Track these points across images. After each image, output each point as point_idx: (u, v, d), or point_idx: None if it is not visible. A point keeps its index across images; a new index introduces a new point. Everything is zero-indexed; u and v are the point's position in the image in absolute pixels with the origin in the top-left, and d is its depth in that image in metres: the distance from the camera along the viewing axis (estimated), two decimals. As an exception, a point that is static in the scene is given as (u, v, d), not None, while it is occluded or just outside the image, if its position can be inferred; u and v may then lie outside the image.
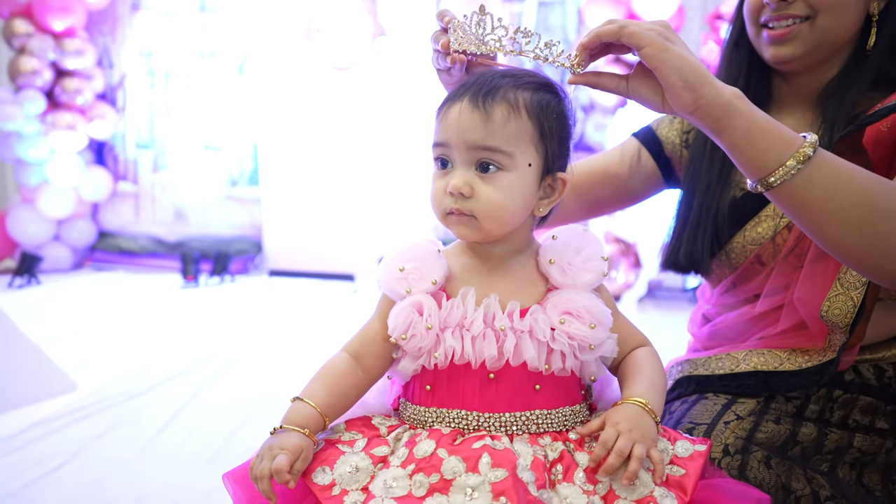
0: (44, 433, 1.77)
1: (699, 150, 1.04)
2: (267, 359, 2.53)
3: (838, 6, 0.91)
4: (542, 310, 0.76)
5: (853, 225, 0.73)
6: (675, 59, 0.71)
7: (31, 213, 4.08)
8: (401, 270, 0.78)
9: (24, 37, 3.94)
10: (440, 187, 0.76)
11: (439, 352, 0.75)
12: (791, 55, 0.95)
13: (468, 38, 0.75)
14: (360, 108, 4.13)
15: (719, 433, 0.86)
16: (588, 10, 3.66)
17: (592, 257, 0.78)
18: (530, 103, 0.74)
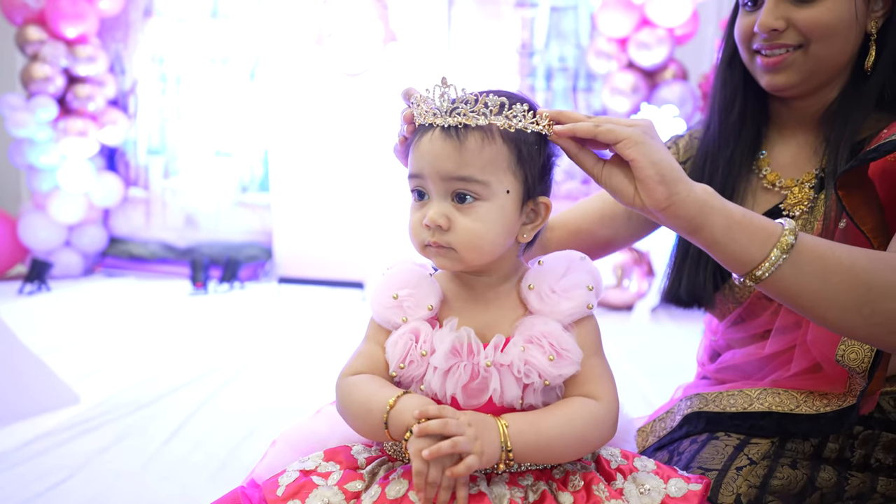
0: (48, 446, 1.74)
1: (698, 179, 1.00)
2: (275, 368, 2.50)
3: (831, 33, 0.88)
4: (515, 342, 0.71)
5: (851, 307, 0.70)
6: (653, 153, 0.67)
7: (43, 218, 4.08)
8: (395, 298, 0.74)
9: (36, 43, 3.95)
10: (417, 219, 0.72)
11: (425, 384, 0.72)
12: (786, 83, 0.92)
13: (432, 112, 0.71)
14: (371, 114, 4.11)
15: (731, 481, 0.81)
16: (601, 16, 3.62)
17: (576, 286, 0.73)
18: (510, 124, 0.70)
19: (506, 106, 0.70)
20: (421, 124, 0.72)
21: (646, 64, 3.57)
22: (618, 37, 3.61)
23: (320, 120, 4.18)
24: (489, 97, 0.69)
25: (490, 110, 0.69)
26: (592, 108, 4.00)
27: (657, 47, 3.51)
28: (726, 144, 1.00)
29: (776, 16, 0.89)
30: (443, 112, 0.70)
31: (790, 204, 0.96)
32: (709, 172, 1.00)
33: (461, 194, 0.70)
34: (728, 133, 1.00)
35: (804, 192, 0.95)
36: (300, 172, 4.23)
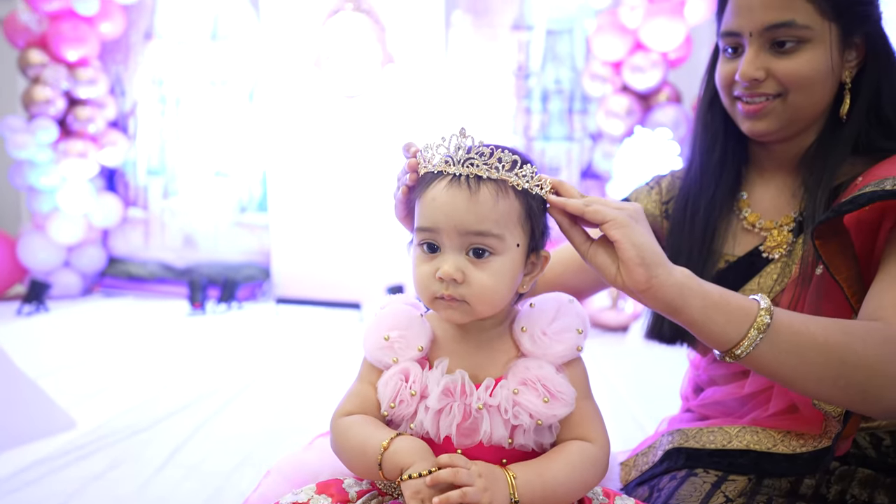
0: (42, 474, 1.75)
1: (680, 220, 1.02)
2: (271, 391, 2.51)
3: (808, 83, 0.91)
4: (505, 384, 0.73)
5: (827, 380, 0.73)
6: (636, 236, 0.70)
7: (42, 239, 4.11)
8: (386, 339, 0.76)
9: (38, 67, 4.00)
10: (428, 272, 0.72)
11: (416, 423, 0.74)
12: (766, 130, 0.94)
13: (444, 160, 0.73)
14: (368, 136, 4.15)
15: None
16: (595, 40, 3.67)
17: (567, 329, 0.75)
18: (517, 183, 0.72)
19: (518, 164, 0.72)
20: (429, 172, 0.73)
21: (640, 87, 3.61)
22: (612, 60, 3.65)
23: (318, 141, 4.22)
24: (504, 153, 0.71)
25: (503, 165, 0.71)
26: (588, 129, 4.04)
27: (651, 71, 3.55)
28: (707, 186, 1.02)
29: (756, 66, 0.92)
30: (456, 161, 0.71)
31: (769, 246, 0.98)
32: (690, 213, 1.02)
33: (478, 249, 0.71)
34: (709, 175, 1.02)
35: (783, 235, 0.97)
36: (298, 193, 4.26)
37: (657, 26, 3.48)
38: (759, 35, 0.91)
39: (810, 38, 0.90)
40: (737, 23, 0.92)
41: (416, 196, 0.74)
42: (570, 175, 4.09)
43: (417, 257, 0.74)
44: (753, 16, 0.91)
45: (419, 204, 0.74)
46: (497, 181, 0.71)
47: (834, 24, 0.90)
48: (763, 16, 0.90)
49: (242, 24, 4.33)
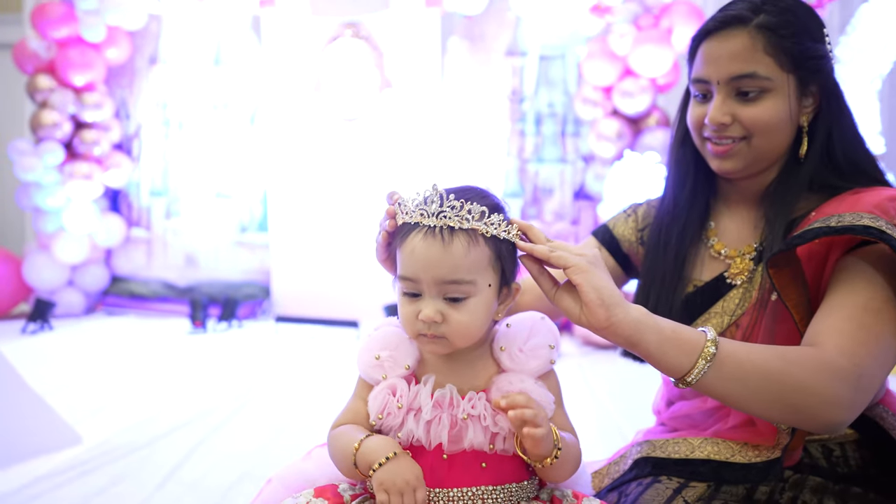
0: (45, 489, 1.82)
1: (653, 246, 1.11)
2: (271, 408, 2.58)
3: (770, 128, 1.00)
4: (487, 394, 0.83)
5: (769, 402, 0.82)
6: (595, 280, 0.79)
7: (47, 259, 4.20)
8: (377, 359, 0.85)
9: (46, 91, 4.12)
10: (411, 313, 0.82)
11: (403, 433, 0.82)
12: (732, 169, 1.04)
13: (419, 212, 0.81)
14: (367, 158, 4.25)
15: None
16: (587, 65, 3.78)
17: (540, 346, 0.85)
18: (486, 231, 0.81)
19: (486, 214, 0.81)
20: (406, 223, 0.82)
21: (629, 111, 3.72)
22: (603, 85, 3.77)
23: (318, 163, 4.32)
24: (473, 204, 0.81)
25: (473, 216, 0.80)
26: (580, 152, 4.14)
27: (640, 96, 3.66)
28: (679, 216, 1.12)
29: (723, 112, 1.01)
30: (430, 213, 0.80)
31: (733, 273, 1.07)
32: (664, 241, 1.12)
33: (454, 297, 0.81)
34: (681, 206, 1.12)
35: (745, 263, 1.06)
36: (298, 214, 4.36)
37: (646, 53, 3.59)
38: (725, 84, 1.01)
39: (771, 88, 0.99)
40: (706, 72, 1.02)
41: (397, 245, 0.84)
42: (564, 196, 4.19)
43: (401, 300, 0.84)
44: (720, 66, 1.00)
45: (400, 253, 0.83)
46: (468, 231, 0.80)
47: (792, 75, 0.99)
48: (729, 67, 0.99)
49: (244, 50, 4.45)
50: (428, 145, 4.18)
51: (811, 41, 1.01)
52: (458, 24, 4.22)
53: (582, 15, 3.77)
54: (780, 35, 0.99)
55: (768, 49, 0.99)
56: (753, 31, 0.99)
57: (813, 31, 1.01)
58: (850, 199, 0.97)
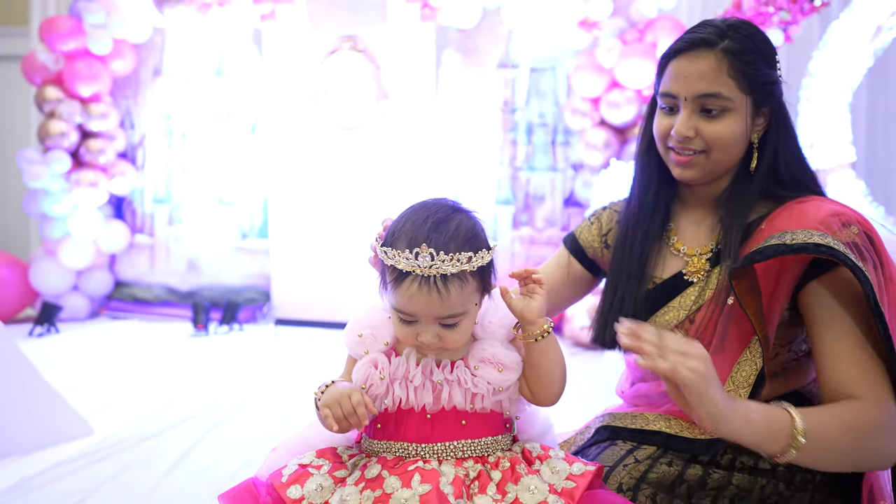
0: (63, 473, 1.95)
1: (620, 246, 1.23)
2: (271, 404, 2.71)
3: (727, 144, 1.12)
4: (465, 362, 0.96)
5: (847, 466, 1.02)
6: (706, 399, 0.90)
7: (53, 264, 4.33)
8: (359, 336, 0.99)
9: (54, 102, 4.26)
10: (409, 334, 0.95)
11: (389, 399, 0.96)
12: (692, 177, 1.15)
13: (411, 265, 0.91)
14: (364, 166, 4.39)
15: (617, 474, 1.05)
16: (575, 77, 3.94)
17: (506, 316, 0.99)
18: (474, 267, 0.93)
19: (473, 257, 0.93)
20: (395, 267, 0.92)
21: (616, 121, 3.87)
22: (591, 96, 3.92)
23: (317, 171, 4.46)
24: (460, 254, 0.91)
25: (461, 262, 0.92)
26: (570, 160, 4.29)
27: (626, 106, 3.82)
28: (644, 218, 1.23)
29: (688, 126, 1.11)
30: (422, 266, 0.91)
31: (690, 271, 1.19)
32: (629, 241, 1.23)
33: (449, 325, 0.93)
34: (645, 209, 1.23)
35: (701, 263, 1.18)
36: (298, 220, 4.49)
37: (631, 66, 3.75)
38: (692, 100, 1.10)
39: (731, 108, 1.09)
40: (674, 87, 1.12)
41: (389, 282, 0.95)
42: (554, 203, 4.33)
43: (397, 322, 0.96)
44: (689, 84, 1.10)
45: (394, 292, 0.93)
46: (458, 274, 0.92)
47: (749, 97, 1.10)
48: (696, 85, 1.09)
49: (246, 62, 4.60)
50: (423, 154, 4.33)
51: (767, 67, 1.11)
52: (453, 37, 4.37)
53: (571, 29, 3.93)
54: (742, 60, 1.09)
55: (731, 72, 1.09)
56: (720, 55, 1.09)
57: (769, 57, 1.12)
58: (797, 212, 1.09)
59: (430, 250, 0.91)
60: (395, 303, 0.95)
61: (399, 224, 0.96)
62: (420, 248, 0.91)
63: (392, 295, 0.94)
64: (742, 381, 1.07)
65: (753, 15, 3.58)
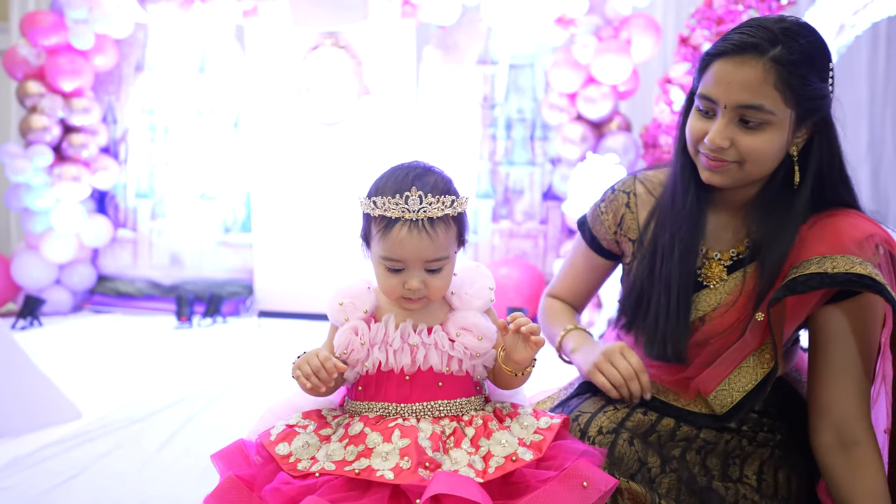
0: (55, 453, 2.00)
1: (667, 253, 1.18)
2: (256, 389, 2.77)
3: (763, 158, 1.08)
4: (443, 328, 1.05)
5: None
6: None
7: (35, 258, 4.34)
8: (340, 305, 1.07)
9: (36, 97, 4.27)
10: (395, 284, 1.02)
11: (369, 362, 1.04)
12: (720, 183, 1.12)
13: (400, 209, 0.97)
14: (346, 161, 4.46)
15: (598, 419, 1.13)
16: (552, 73, 4.04)
17: (482, 289, 1.08)
18: (455, 213, 1.01)
19: (455, 201, 1.01)
20: (384, 216, 0.98)
21: (592, 116, 3.98)
22: (568, 92, 4.02)
23: (299, 166, 4.51)
24: (444, 196, 0.99)
25: (445, 204, 1.00)
26: (548, 154, 4.39)
27: (602, 102, 3.93)
28: (690, 222, 1.17)
29: (724, 136, 1.06)
30: (411, 210, 0.98)
31: (705, 274, 1.19)
32: (678, 247, 1.17)
33: (434, 269, 1.01)
34: (690, 212, 1.17)
35: (719, 269, 1.18)
36: (280, 214, 4.54)
37: (607, 62, 3.85)
38: (731, 109, 1.05)
39: (772, 121, 1.05)
40: (715, 92, 1.06)
41: (376, 231, 1.01)
42: (533, 196, 4.43)
43: (382, 273, 1.04)
44: (731, 91, 1.04)
45: (382, 241, 1.01)
46: (443, 218, 1.00)
47: (793, 111, 1.05)
48: (738, 94, 1.04)
49: (228, 58, 4.65)
50: (404, 149, 4.40)
51: (819, 81, 1.05)
52: (433, 34, 4.45)
53: (548, 26, 4.03)
54: (792, 72, 1.03)
55: (778, 85, 1.03)
56: (768, 64, 1.02)
57: (822, 70, 1.06)
58: (830, 231, 1.08)
59: (419, 193, 0.99)
60: (384, 251, 1.01)
61: (382, 180, 1.04)
62: (410, 191, 0.99)
63: (380, 245, 1.02)
64: (739, 387, 1.13)
65: (724, 13, 3.72)
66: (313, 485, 0.92)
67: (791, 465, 1.21)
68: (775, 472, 1.19)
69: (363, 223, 1.06)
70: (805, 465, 1.23)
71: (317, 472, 0.94)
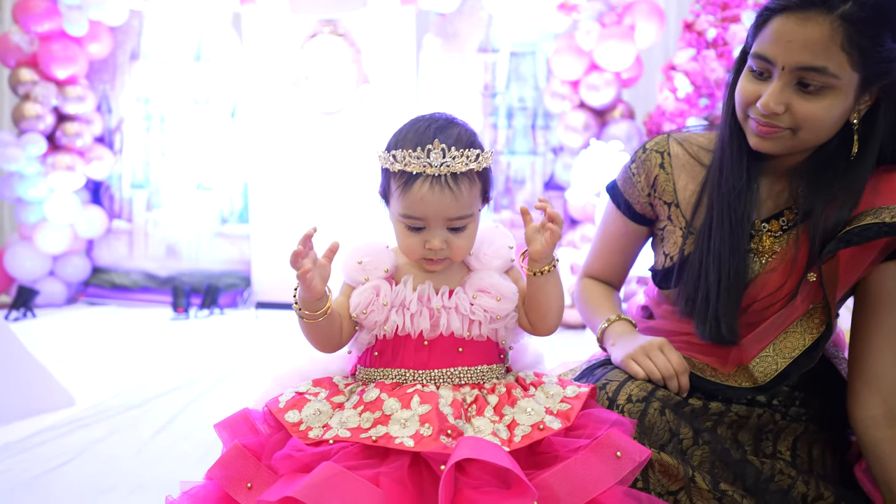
0: (49, 438, 1.93)
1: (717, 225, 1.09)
2: (254, 377, 2.70)
3: (820, 125, 0.98)
4: (463, 290, 0.98)
5: None
6: None
7: (28, 249, 4.26)
8: (359, 263, 1.01)
9: (28, 84, 4.19)
10: (415, 242, 0.96)
11: (388, 325, 0.98)
12: (770, 150, 1.03)
13: (422, 164, 0.91)
14: (344, 151, 4.39)
15: (627, 387, 1.05)
16: (555, 60, 3.98)
17: (501, 248, 1.01)
18: (480, 168, 0.94)
19: (480, 155, 0.95)
20: (403, 171, 0.92)
21: (595, 104, 3.92)
22: (570, 79, 3.97)
23: (297, 156, 4.45)
24: (469, 150, 0.92)
25: (469, 158, 0.93)
26: (550, 143, 4.34)
27: (605, 89, 3.87)
28: (741, 191, 1.08)
29: (779, 101, 0.96)
30: (433, 164, 0.91)
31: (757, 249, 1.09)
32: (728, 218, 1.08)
33: (457, 228, 0.95)
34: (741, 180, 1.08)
35: (770, 241, 1.09)
36: (278, 205, 4.47)
37: (610, 48, 3.80)
38: (790, 71, 0.95)
39: (835, 85, 0.94)
40: (772, 51, 0.96)
41: (396, 186, 0.95)
42: (535, 186, 4.37)
43: (402, 231, 0.97)
44: (791, 51, 0.94)
45: (402, 197, 0.94)
46: (467, 173, 0.94)
47: (859, 74, 0.95)
48: (800, 55, 0.93)
49: (225, 46, 4.57)
50: (404, 138, 4.33)
51: (892, 42, 0.95)
52: (433, 21, 4.39)
53: (550, 13, 3.97)
54: (862, 32, 0.93)
55: (845, 45, 0.93)
56: (836, 22, 0.92)
57: (895, 29, 0.95)
58: (886, 183, 0.99)
59: (443, 146, 0.92)
60: (405, 208, 0.95)
61: (401, 132, 0.97)
62: (432, 144, 0.92)
63: (400, 202, 0.95)
64: (785, 353, 1.05)
65: (729, -1, 3.66)
66: (328, 451, 0.86)
67: (825, 442, 1.16)
68: (809, 447, 1.13)
69: (382, 179, 1.00)
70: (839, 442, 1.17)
71: (331, 439, 0.88)
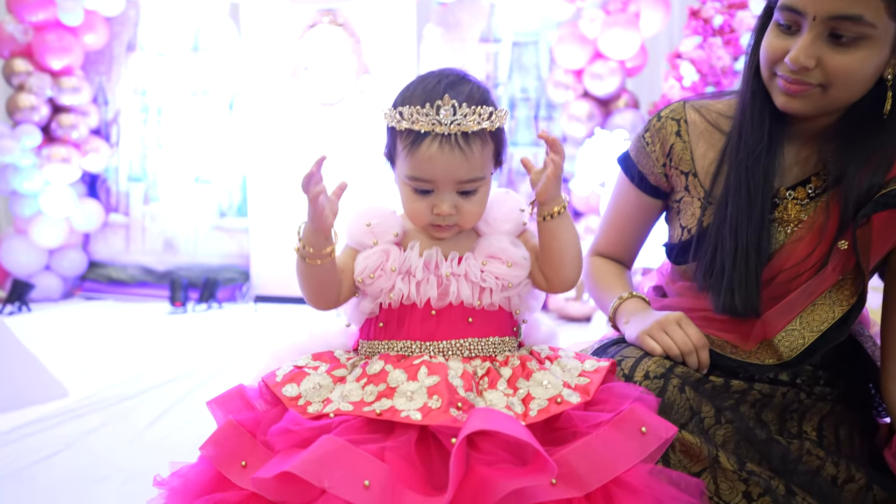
0: (39, 429, 1.88)
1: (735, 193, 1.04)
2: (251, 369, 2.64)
3: (854, 80, 0.92)
4: (472, 255, 0.92)
5: None
6: None
7: (24, 242, 4.19)
8: (368, 225, 0.94)
9: (23, 75, 4.13)
10: (423, 208, 0.90)
11: (394, 293, 0.91)
12: (799, 110, 0.96)
13: (430, 122, 0.85)
14: (345, 142, 4.33)
15: (644, 363, 0.99)
16: (558, 49, 3.92)
17: (511, 211, 0.95)
18: (493, 127, 0.88)
19: (493, 113, 0.88)
20: (410, 129, 0.86)
21: (599, 93, 3.86)
22: (574, 69, 3.90)
23: (296, 148, 4.38)
24: (481, 107, 0.86)
25: (482, 116, 0.87)
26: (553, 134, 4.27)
27: (609, 78, 3.81)
28: (760, 156, 1.02)
29: (809, 54, 0.90)
30: (443, 122, 0.85)
31: (781, 219, 1.04)
32: (747, 185, 1.02)
33: (468, 192, 0.89)
34: (762, 145, 1.01)
35: (796, 210, 1.03)
36: (277, 198, 4.41)
37: (614, 36, 3.74)
38: (821, 21, 0.88)
39: (871, 36, 0.88)
40: (802, 1, 0.90)
41: (403, 146, 0.89)
42: (537, 178, 4.30)
43: (409, 195, 0.91)
44: (821, 0, 0.87)
45: (409, 158, 0.88)
46: (479, 132, 0.87)
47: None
48: (832, 3, 0.87)
49: (223, 37, 4.51)
50: (405, 129, 4.27)
51: None
52: (434, 11, 4.33)
53: (553, 1, 3.91)
54: None
55: None
56: None
57: None
58: None
59: (453, 102, 0.86)
60: (412, 170, 0.89)
61: (409, 88, 0.91)
62: (442, 100, 0.86)
63: (406, 162, 0.89)
64: (812, 326, 0.99)
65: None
66: (328, 425, 0.80)
67: (853, 422, 1.10)
68: (836, 428, 1.08)
69: (387, 139, 0.94)
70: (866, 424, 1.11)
71: (331, 413, 0.81)
